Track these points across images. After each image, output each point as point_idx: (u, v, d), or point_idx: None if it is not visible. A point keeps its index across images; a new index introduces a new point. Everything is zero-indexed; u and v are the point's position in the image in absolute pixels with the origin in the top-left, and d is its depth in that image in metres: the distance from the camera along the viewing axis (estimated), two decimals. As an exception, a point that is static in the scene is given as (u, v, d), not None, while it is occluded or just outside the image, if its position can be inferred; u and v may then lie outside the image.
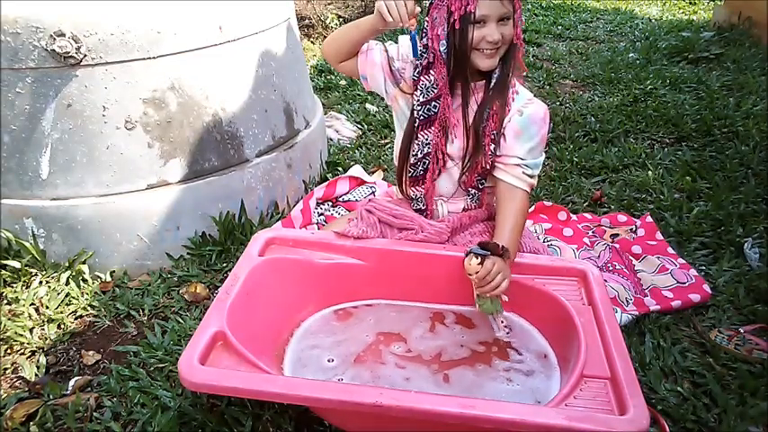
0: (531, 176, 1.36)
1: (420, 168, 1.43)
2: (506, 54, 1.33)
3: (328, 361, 1.29)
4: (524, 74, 1.38)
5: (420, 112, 1.37)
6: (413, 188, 1.46)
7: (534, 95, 1.42)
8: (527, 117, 1.34)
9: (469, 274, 1.26)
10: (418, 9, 1.28)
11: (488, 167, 1.37)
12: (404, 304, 1.45)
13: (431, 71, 1.34)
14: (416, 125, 1.39)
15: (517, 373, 1.26)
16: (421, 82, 1.35)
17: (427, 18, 1.31)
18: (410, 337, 1.36)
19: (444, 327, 1.39)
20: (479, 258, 1.23)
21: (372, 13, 1.29)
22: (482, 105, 1.35)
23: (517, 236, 1.33)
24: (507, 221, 1.33)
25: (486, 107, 1.34)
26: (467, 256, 1.27)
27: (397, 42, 1.44)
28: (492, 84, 1.34)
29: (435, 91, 1.35)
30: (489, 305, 1.31)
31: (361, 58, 1.43)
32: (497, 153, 1.36)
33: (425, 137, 1.39)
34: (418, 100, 1.36)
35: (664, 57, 3.89)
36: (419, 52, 1.33)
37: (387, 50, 1.42)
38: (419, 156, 1.41)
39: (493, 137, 1.34)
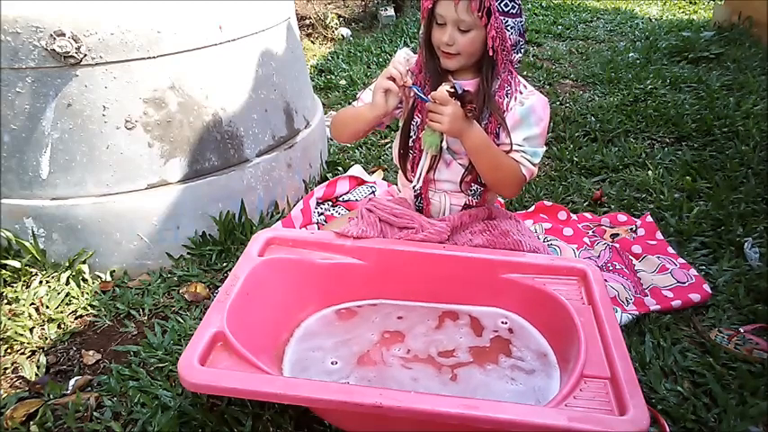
0: (531, 163, 1.38)
1: (416, 149, 1.44)
2: (483, 66, 1.35)
3: (332, 363, 1.29)
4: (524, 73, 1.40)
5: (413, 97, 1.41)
6: (412, 172, 1.47)
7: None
8: (528, 107, 1.37)
9: (433, 98, 1.29)
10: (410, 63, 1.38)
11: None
12: (406, 304, 1.46)
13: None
14: (414, 106, 1.42)
15: (519, 372, 1.26)
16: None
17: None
18: (414, 337, 1.36)
19: (447, 326, 1.39)
20: (453, 90, 1.25)
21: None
22: (480, 105, 1.36)
23: (493, 148, 1.35)
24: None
25: (484, 106, 1.36)
26: (451, 85, 1.28)
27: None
28: (478, 87, 1.37)
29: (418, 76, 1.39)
30: (429, 136, 1.35)
31: None
32: (497, 143, 1.37)
33: (418, 118, 1.42)
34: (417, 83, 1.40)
35: (664, 56, 3.89)
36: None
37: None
38: (414, 137, 1.43)
39: (496, 133, 1.37)
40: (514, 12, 1.30)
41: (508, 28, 1.30)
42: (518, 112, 1.36)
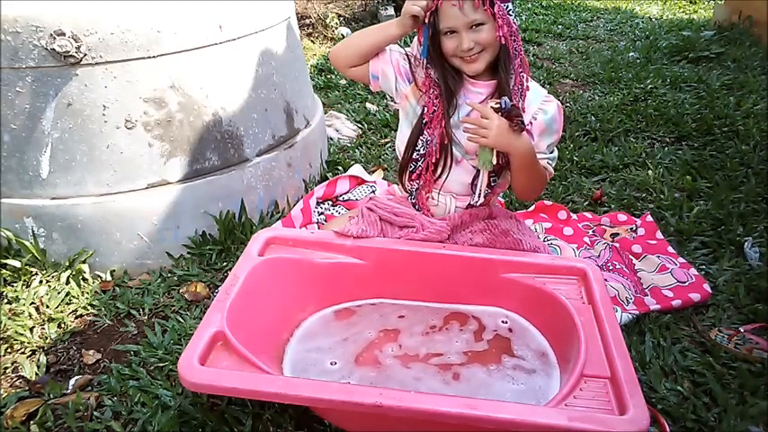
0: (551, 166, 1.42)
1: (420, 164, 1.43)
2: (498, 58, 1.34)
3: (331, 364, 1.29)
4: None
5: (427, 111, 1.39)
6: (411, 182, 1.47)
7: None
8: (552, 116, 1.38)
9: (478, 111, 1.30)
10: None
11: (504, 163, 1.37)
12: (405, 303, 1.46)
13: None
14: (424, 122, 1.40)
15: (520, 371, 1.26)
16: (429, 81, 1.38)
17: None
18: (410, 336, 1.36)
19: (451, 328, 1.39)
20: (499, 107, 1.26)
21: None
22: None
23: (537, 160, 1.36)
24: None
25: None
26: (496, 101, 1.29)
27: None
28: (495, 88, 1.36)
29: (436, 91, 1.37)
30: (482, 154, 1.35)
31: (375, 59, 1.43)
32: None
33: (428, 135, 1.40)
34: (428, 98, 1.38)
35: (664, 56, 3.89)
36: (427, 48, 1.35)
37: (400, 51, 1.43)
38: (421, 152, 1.42)
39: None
40: None
41: (510, 13, 1.30)
42: (543, 121, 1.37)
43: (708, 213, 2.02)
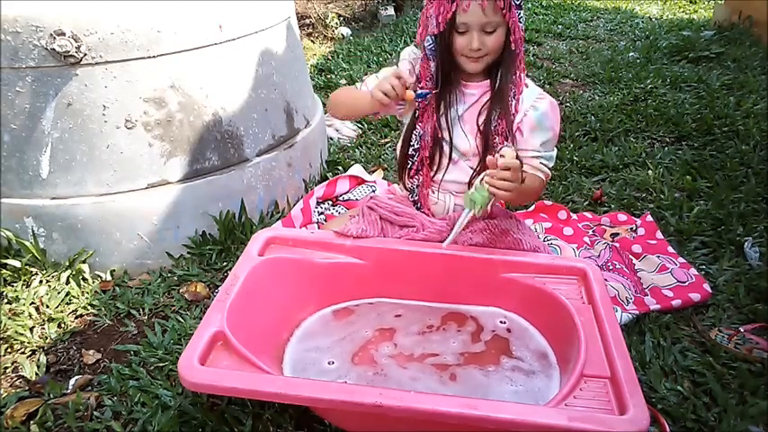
0: (548, 167, 1.40)
1: (416, 159, 1.43)
2: (502, 62, 1.34)
3: (328, 363, 1.29)
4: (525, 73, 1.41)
5: (418, 105, 1.40)
6: (410, 179, 1.48)
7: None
8: (542, 113, 1.37)
9: (499, 156, 1.22)
10: (411, 79, 1.39)
11: None
12: (404, 303, 1.46)
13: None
14: (416, 116, 1.41)
15: (519, 373, 1.26)
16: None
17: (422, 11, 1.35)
18: (406, 335, 1.36)
19: (443, 325, 1.39)
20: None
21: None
22: (490, 106, 1.37)
23: (524, 187, 1.30)
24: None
25: (494, 109, 1.36)
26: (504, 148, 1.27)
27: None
28: (494, 89, 1.37)
29: (429, 85, 1.37)
30: (479, 196, 1.28)
31: None
32: (518, 148, 1.36)
33: (421, 129, 1.41)
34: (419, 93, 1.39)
35: (664, 56, 3.89)
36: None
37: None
38: (416, 146, 1.43)
39: (506, 135, 1.37)
40: (521, 3, 1.31)
41: (520, 20, 1.30)
42: (533, 117, 1.37)
43: (708, 213, 2.02)
